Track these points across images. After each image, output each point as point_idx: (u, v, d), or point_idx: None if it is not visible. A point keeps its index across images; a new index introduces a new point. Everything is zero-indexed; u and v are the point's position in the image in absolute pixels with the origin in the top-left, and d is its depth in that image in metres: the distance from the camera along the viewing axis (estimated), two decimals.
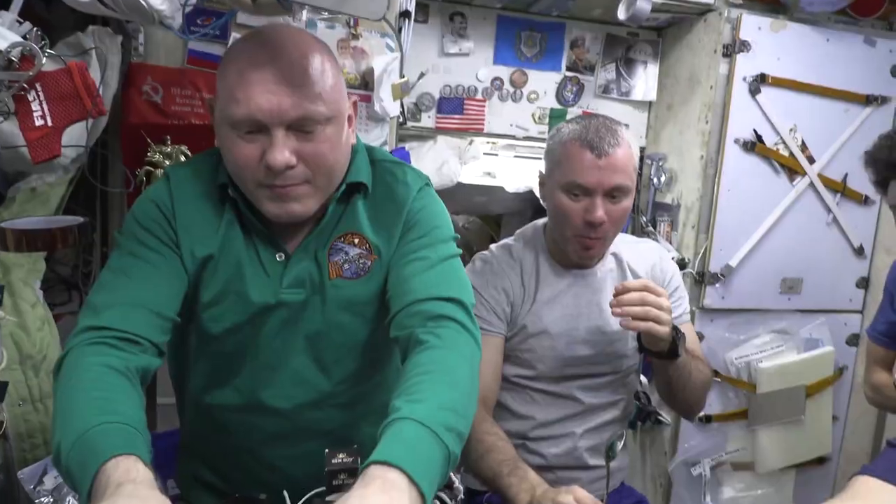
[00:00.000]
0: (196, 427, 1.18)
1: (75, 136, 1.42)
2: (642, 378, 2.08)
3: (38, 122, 0.87)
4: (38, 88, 0.86)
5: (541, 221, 1.56)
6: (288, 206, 0.98)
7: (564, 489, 1.09)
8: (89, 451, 0.76)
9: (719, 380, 2.28)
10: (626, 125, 1.43)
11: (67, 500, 0.96)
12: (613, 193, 1.34)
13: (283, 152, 0.93)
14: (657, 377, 1.46)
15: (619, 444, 1.21)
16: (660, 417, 2.40)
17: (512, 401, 1.50)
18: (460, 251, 1.12)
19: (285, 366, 1.07)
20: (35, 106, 0.86)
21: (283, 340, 1.06)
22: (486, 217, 3.19)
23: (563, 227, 1.38)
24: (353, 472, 0.88)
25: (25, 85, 0.85)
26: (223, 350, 1.07)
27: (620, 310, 1.27)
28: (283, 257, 1.05)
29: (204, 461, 1.19)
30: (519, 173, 2.65)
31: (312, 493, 0.94)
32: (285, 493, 0.99)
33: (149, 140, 1.62)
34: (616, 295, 1.29)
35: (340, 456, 0.90)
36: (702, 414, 2.39)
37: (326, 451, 0.91)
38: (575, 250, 1.39)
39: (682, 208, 2.31)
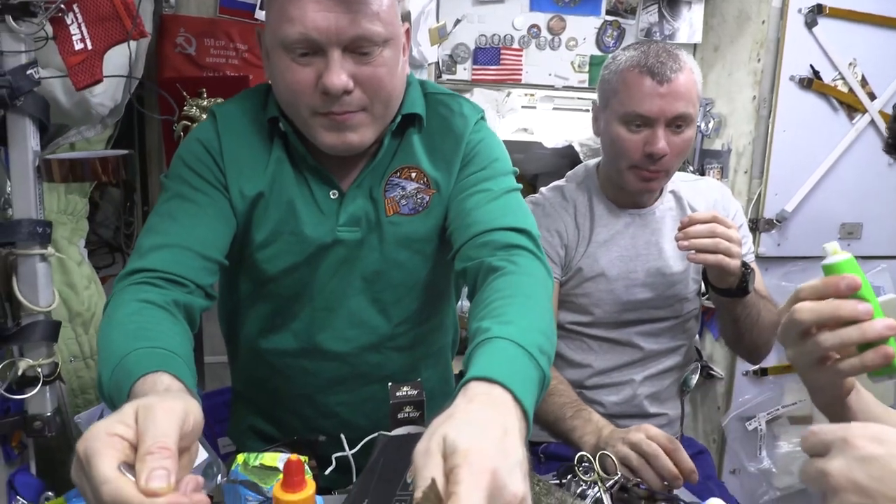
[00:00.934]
0: (250, 375, 1.15)
1: (112, 88, 1.39)
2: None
3: (78, 46, 0.83)
4: (76, 10, 0.82)
5: (592, 162, 1.49)
6: (344, 135, 0.94)
7: (634, 428, 1.04)
8: (124, 375, 0.74)
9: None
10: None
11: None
12: (676, 123, 1.26)
13: (339, 75, 0.88)
14: (723, 319, 1.39)
15: (694, 378, 1.15)
16: (712, 371, 2.33)
17: (567, 349, 1.44)
18: (520, 186, 1.06)
19: (343, 307, 1.03)
20: (74, 29, 0.82)
21: (340, 281, 1.03)
22: (520, 179, 3.12)
23: (620, 161, 1.31)
24: (419, 405, 0.85)
25: (63, 6, 0.81)
26: (279, 292, 1.04)
27: (688, 242, 1.20)
28: (337, 195, 1.00)
29: (259, 410, 1.16)
30: (557, 127, 2.57)
31: (372, 435, 0.90)
32: (342, 435, 0.96)
33: (185, 93, 1.59)
34: (682, 227, 1.21)
35: (405, 389, 0.86)
36: (756, 367, 2.32)
37: (390, 384, 0.88)
38: (634, 185, 1.32)
39: (732, 154, 2.21)
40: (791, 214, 2.13)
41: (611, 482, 0.88)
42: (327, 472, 0.95)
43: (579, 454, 0.91)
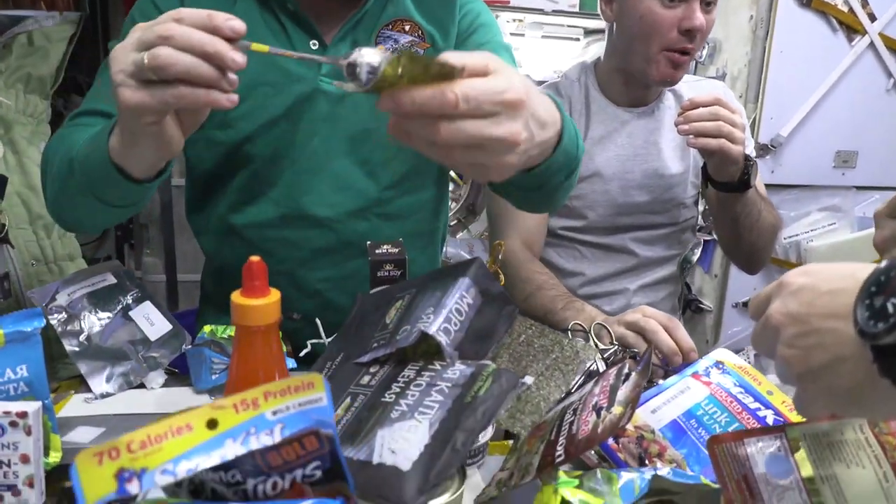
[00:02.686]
0: (222, 264, 1.07)
1: None
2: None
3: None
4: None
5: (589, 59, 1.41)
6: None
7: (631, 310, 0.99)
8: (93, 149, 0.74)
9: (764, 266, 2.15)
10: None
11: (83, 315, 0.87)
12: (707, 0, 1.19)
13: None
14: (721, 220, 1.33)
15: (695, 255, 1.09)
16: (701, 305, 2.29)
17: (558, 257, 1.38)
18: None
19: (327, 169, 0.96)
20: None
21: (324, 141, 0.96)
22: None
23: (651, 42, 1.22)
24: (400, 264, 0.78)
25: None
26: (256, 153, 0.96)
27: (688, 126, 1.13)
28: (318, 45, 0.93)
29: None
30: (547, 58, 2.48)
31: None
32: (318, 320, 0.89)
33: None
34: (683, 111, 1.15)
35: (385, 246, 0.79)
36: (745, 299, 2.28)
37: (369, 242, 0.81)
38: (661, 72, 1.23)
39: (727, 78, 2.14)
40: (786, 140, 2.07)
41: (608, 352, 0.82)
42: (301, 354, 0.89)
43: (573, 322, 0.85)
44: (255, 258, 0.52)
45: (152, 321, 0.90)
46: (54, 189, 0.85)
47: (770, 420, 0.64)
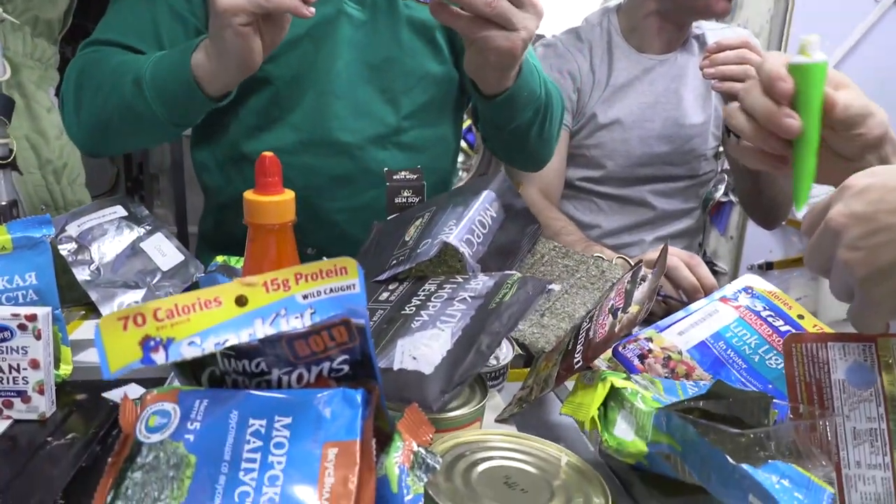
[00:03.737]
0: (228, 198, 1.04)
1: None
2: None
3: None
4: None
5: (612, 3, 1.37)
6: None
7: (651, 251, 0.97)
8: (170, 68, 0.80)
9: (782, 222, 2.12)
10: None
11: (93, 245, 0.85)
12: None
13: None
14: (742, 172, 1.30)
15: (719, 191, 1.06)
16: (716, 267, 2.26)
17: (575, 210, 1.36)
18: None
19: (349, 96, 0.95)
20: None
21: (347, 65, 0.94)
22: None
23: None
24: (419, 191, 0.76)
25: None
26: (278, 74, 0.94)
27: (714, 69, 1.09)
28: None
29: (237, 243, 1.07)
30: (561, 13, 2.42)
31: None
32: (325, 259, 0.87)
33: None
34: (708, 54, 1.11)
35: (403, 173, 0.77)
36: (762, 261, 2.25)
37: (386, 169, 0.79)
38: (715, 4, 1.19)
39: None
40: None
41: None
42: None
43: (595, 254, 0.82)
44: (268, 153, 0.50)
45: (164, 252, 0.89)
46: (104, 112, 0.87)
47: None
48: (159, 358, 0.33)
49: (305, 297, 0.38)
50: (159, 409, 0.40)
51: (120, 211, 0.93)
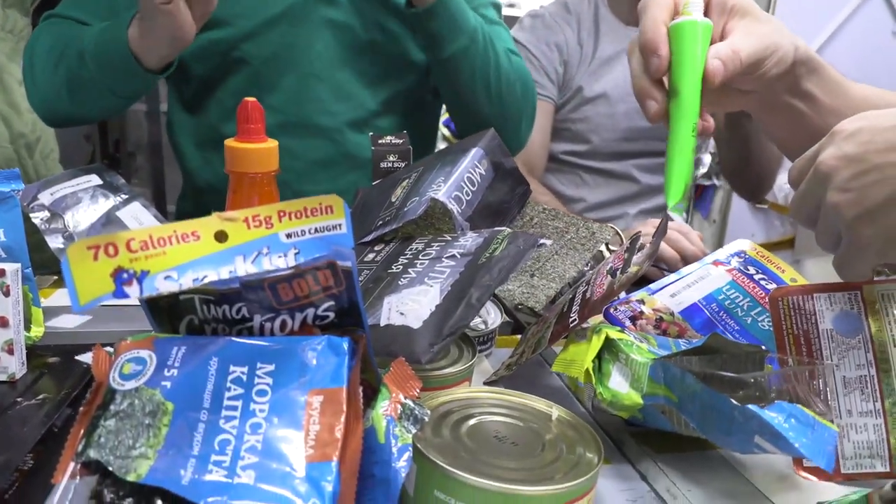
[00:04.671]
0: (206, 181, 1.02)
1: None
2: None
3: None
4: None
5: None
6: None
7: (639, 224, 0.96)
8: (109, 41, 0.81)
9: (765, 206, 2.13)
10: None
11: (67, 214, 0.82)
12: None
13: None
14: (730, 143, 1.30)
15: (704, 157, 1.06)
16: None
17: (559, 183, 1.35)
18: None
19: (330, 79, 0.95)
20: None
21: (326, 47, 0.94)
22: None
23: None
24: (405, 155, 0.74)
25: None
26: (256, 54, 0.93)
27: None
28: None
29: None
30: None
31: None
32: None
33: None
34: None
35: (388, 137, 0.75)
36: None
37: (371, 133, 0.77)
38: None
39: None
40: None
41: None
42: None
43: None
44: (250, 99, 0.48)
45: (141, 221, 0.86)
46: (55, 81, 0.89)
47: None
48: (133, 291, 0.31)
49: (289, 235, 0.36)
50: (134, 357, 0.38)
51: (95, 179, 0.90)
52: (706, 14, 0.53)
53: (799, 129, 0.60)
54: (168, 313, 0.40)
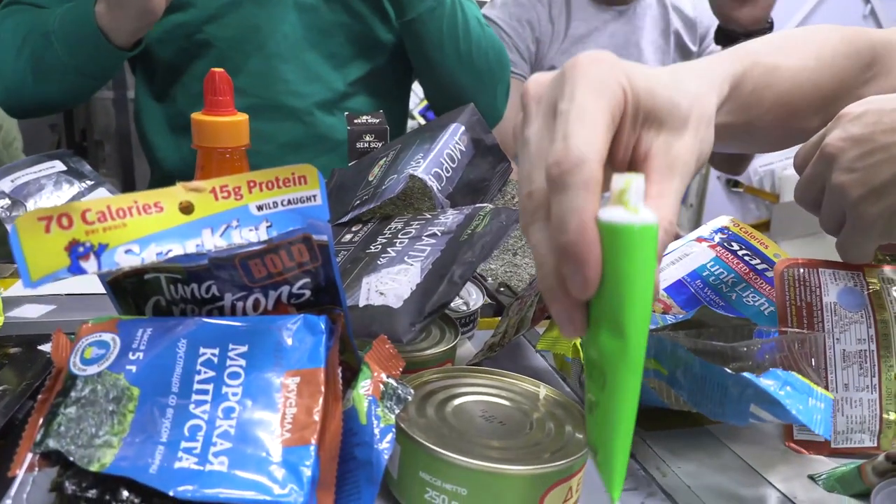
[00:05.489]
0: (175, 168, 0.99)
1: None
2: None
3: None
4: None
5: None
6: None
7: None
8: (75, 20, 0.80)
9: (740, 190, 2.14)
10: None
11: (30, 201, 0.79)
12: None
13: None
14: None
15: None
16: (677, 234, 2.28)
17: None
18: None
19: (297, 59, 0.93)
20: None
21: (293, 27, 0.92)
22: None
23: None
24: (381, 135, 0.72)
25: None
26: (221, 35, 0.90)
27: None
28: None
29: None
30: None
31: None
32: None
33: None
34: None
35: (365, 117, 0.73)
36: None
37: (347, 113, 0.75)
38: None
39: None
40: None
41: None
42: None
43: None
44: (217, 69, 0.45)
45: None
46: (18, 68, 0.86)
47: None
48: (90, 266, 0.29)
49: (260, 208, 0.34)
50: (96, 340, 0.35)
51: (59, 166, 0.86)
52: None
53: (754, 144, 0.59)
54: (133, 295, 0.38)
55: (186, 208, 0.32)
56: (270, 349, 0.36)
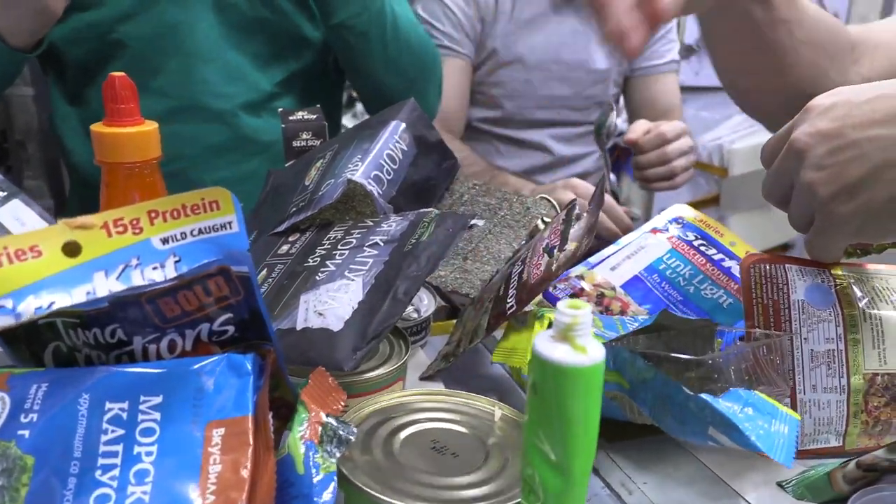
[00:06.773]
0: (94, 173, 0.93)
1: None
2: (611, 176, 1.94)
3: None
4: None
5: None
6: None
7: (561, 184, 0.95)
8: None
9: None
10: None
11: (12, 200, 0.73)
12: None
13: None
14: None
15: (612, 119, 1.03)
16: (629, 212, 2.29)
17: (474, 152, 1.32)
18: None
19: (218, 59, 0.87)
20: None
21: (212, 26, 0.86)
22: None
23: None
24: (319, 132, 0.67)
25: None
26: (136, 34, 0.84)
27: (641, 174, 1.10)
28: None
29: None
30: None
31: None
32: None
33: None
34: (633, 151, 1.08)
35: (300, 113, 0.68)
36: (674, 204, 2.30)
37: (281, 109, 0.70)
38: None
39: None
40: None
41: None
42: None
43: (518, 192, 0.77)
44: (117, 73, 0.40)
45: (23, 221, 0.76)
46: None
47: (736, 271, 0.59)
48: None
49: (165, 241, 0.30)
50: None
51: None
52: None
53: (748, 42, 0.59)
54: (27, 343, 0.33)
55: (72, 249, 0.27)
56: (189, 398, 0.32)
